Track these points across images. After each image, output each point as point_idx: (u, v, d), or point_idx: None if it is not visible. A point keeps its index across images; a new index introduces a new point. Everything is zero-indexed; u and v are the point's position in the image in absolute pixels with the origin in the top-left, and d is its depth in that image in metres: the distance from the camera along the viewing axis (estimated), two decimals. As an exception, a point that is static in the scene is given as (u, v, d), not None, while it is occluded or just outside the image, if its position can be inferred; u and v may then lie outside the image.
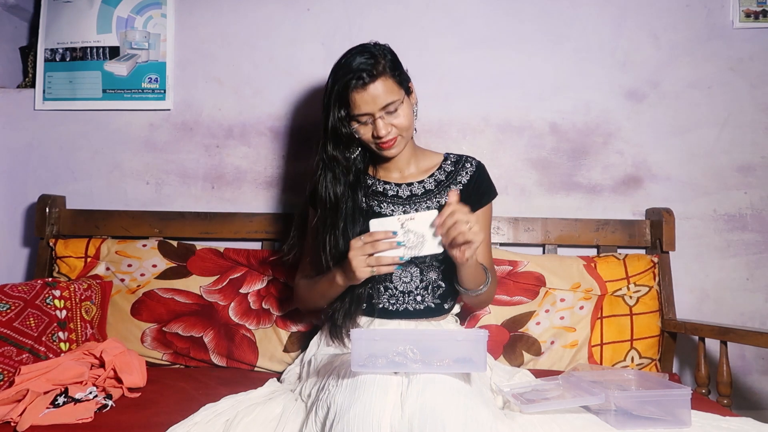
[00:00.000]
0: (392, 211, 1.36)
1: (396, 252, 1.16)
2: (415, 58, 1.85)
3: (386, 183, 1.39)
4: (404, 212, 1.36)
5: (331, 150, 1.28)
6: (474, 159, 1.44)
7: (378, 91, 1.22)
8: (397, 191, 1.38)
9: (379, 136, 1.25)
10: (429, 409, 0.94)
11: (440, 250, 1.17)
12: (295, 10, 1.89)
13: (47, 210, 1.77)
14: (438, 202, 1.37)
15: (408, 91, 1.31)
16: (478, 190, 1.40)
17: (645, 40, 1.86)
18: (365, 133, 1.27)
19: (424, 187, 1.39)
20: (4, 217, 1.92)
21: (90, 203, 1.88)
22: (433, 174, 1.41)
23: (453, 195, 1.15)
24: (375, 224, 1.17)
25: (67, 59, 1.91)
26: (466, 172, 1.41)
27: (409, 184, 1.39)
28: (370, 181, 1.39)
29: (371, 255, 1.16)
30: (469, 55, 1.87)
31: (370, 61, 1.22)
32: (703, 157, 1.84)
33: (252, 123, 1.89)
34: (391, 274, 1.32)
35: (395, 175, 1.41)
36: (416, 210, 1.36)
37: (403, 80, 1.28)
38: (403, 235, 1.16)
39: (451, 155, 1.45)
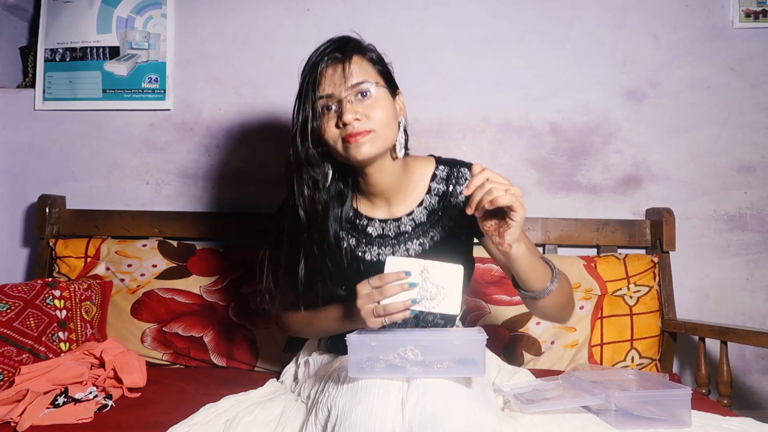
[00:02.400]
0: (378, 254, 1.19)
1: (408, 294, 1.00)
2: (415, 58, 1.85)
3: (370, 219, 1.20)
4: (392, 252, 1.18)
5: (302, 149, 1.09)
6: (466, 165, 1.22)
7: (348, 68, 1.05)
8: (383, 228, 1.20)
9: (345, 122, 1.04)
10: (429, 414, 0.93)
11: (458, 311, 1.02)
12: (295, 10, 1.89)
13: (47, 210, 1.77)
14: (432, 238, 1.18)
15: (393, 92, 1.15)
16: None
17: (645, 40, 1.86)
18: (330, 126, 1.07)
19: (413, 220, 1.19)
20: (4, 217, 1.92)
21: (90, 203, 1.88)
22: (423, 201, 1.19)
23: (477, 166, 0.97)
24: (391, 263, 1.01)
25: (67, 59, 1.91)
26: (466, 179, 1.19)
27: (396, 220, 1.19)
28: (351, 213, 1.21)
29: (379, 303, 1.01)
30: (469, 56, 1.87)
31: (344, 41, 1.10)
32: (703, 157, 1.84)
33: (252, 123, 1.89)
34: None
35: (381, 210, 1.21)
36: (407, 250, 1.18)
37: (385, 73, 1.14)
38: (420, 280, 1.01)
39: (441, 167, 1.22)
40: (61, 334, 1.44)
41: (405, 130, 1.16)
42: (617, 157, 1.85)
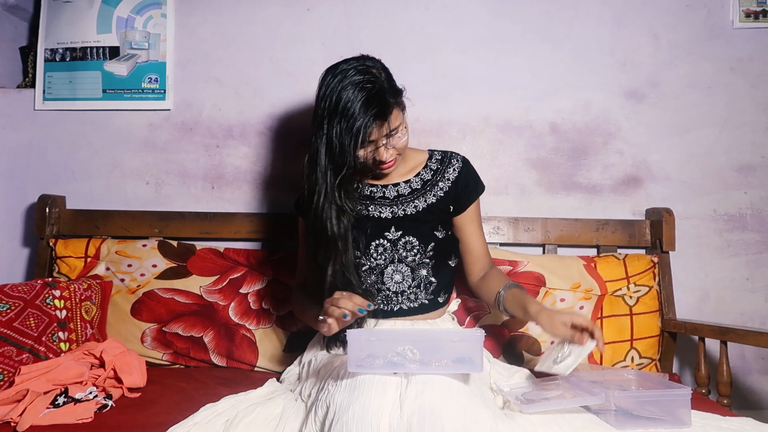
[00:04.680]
0: (380, 212, 1.35)
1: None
2: (415, 58, 1.85)
3: (372, 186, 1.38)
4: (392, 212, 1.35)
5: (343, 190, 1.22)
6: (459, 155, 1.43)
7: (388, 123, 1.20)
8: (384, 192, 1.37)
9: (382, 161, 1.24)
10: (428, 410, 0.95)
11: (568, 372, 1.18)
12: (295, 10, 1.89)
13: (47, 210, 1.77)
14: (425, 200, 1.36)
15: (403, 108, 1.28)
16: (467, 186, 1.40)
17: (645, 40, 1.86)
18: (366, 156, 1.24)
19: (410, 186, 1.38)
20: (4, 217, 1.92)
21: (90, 203, 1.88)
22: (419, 173, 1.39)
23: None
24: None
25: (67, 59, 1.91)
26: (454, 169, 1.40)
27: (395, 185, 1.38)
28: (355, 185, 1.35)
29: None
30: (469, 56, 1.87)
31: (377, 97, 1.17)
32: (703, 157, 1.84)
33: (252, 123, 1.89)
34: (382, 275, 1.33)
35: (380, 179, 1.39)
36: (404, 210, 1.35)
37: (401, 101, 1.26)
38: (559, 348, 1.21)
39: (436, 152, 1.44)
40: (61, 334, 1.44)
41: None
42: (617, 157, 1.85)
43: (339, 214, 1.22)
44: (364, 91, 1.17)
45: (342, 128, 1.17)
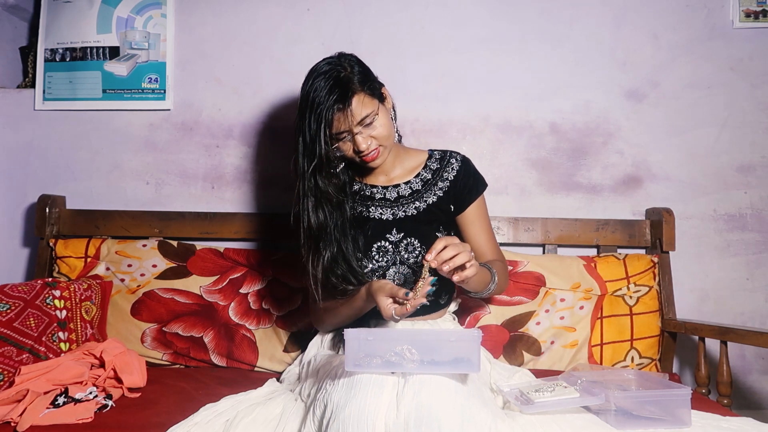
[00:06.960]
0: (381, 213, 1.35)
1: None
2: (415, 58, 1.85)
3: (373, 186, 1.39)
4: (392, 214, 1.35)
5: (318, 179, 1.24)
6: (458, 154, 1.43)
7: (352, 108, 1.20)
8: (384, 194, 1.37)
9: (360, 150, 1.24)
10: (425, 410, 0.94)
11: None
12: (295, 10, 1.89)
13: (47, 210, 1.77)
14: (425, 201, 1.36)
15: (382, 99, 1.28)
16: (467, 185, 1.39)
17: (645, 40, 1.86)
18: (347, 149, 1.26)
19: (410, 187, 1.38)
20: (4, 217, 1.92)
21: (90, 203, 1.88)
22: (419, 174, 1.39)
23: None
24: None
25: (67, 59, 1.91)
26: (452, 168, 1.40)
27: (396, 186, 1.38)
28: (356, 186, 1.38)
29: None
30: (469, 55, 1.87)
31: (341, 83, 1.19)
32: (703, 157, 1.84)
33: (252, 123, 1.89)
34: (384, 277, 1.32)
35: (381, 178, 1.40)
36: (405, 211, 1.35)
37: (375, 89, 1.26)
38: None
39: (436, 152, 1.44)
40: (61, 334, 1.44)
41: (393, 119, 1.32)
42: (617, 157, 1.85)
43: (316, 205, 1.26)
44: (330, 80, 1.20)
45: (312, 118, 1.20)
